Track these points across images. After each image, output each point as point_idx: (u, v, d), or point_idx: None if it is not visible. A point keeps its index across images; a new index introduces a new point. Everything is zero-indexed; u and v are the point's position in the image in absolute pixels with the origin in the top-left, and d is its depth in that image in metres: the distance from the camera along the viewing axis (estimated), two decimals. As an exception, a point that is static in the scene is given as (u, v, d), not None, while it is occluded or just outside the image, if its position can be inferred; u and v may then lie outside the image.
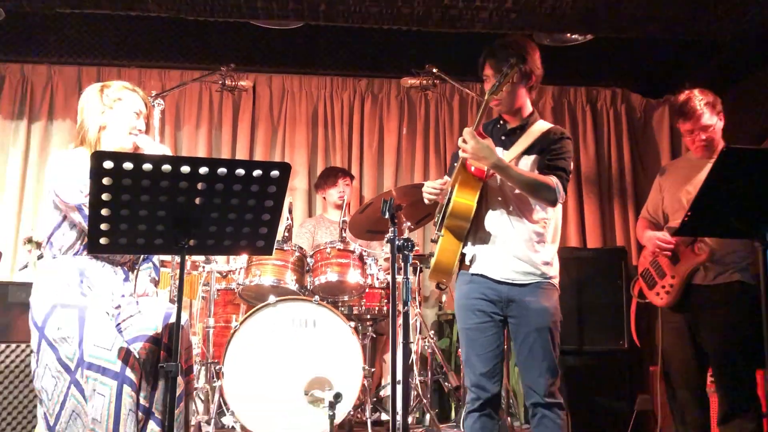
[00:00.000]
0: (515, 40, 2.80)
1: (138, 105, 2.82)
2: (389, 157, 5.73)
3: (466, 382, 2.75)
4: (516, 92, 2.75)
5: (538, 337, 2.64)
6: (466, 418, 2.73)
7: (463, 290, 2.75)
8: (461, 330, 2.76)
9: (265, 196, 2.31)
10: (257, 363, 3.42)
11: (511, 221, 2.71)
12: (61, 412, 2.46)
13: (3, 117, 5.55)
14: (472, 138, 2.57)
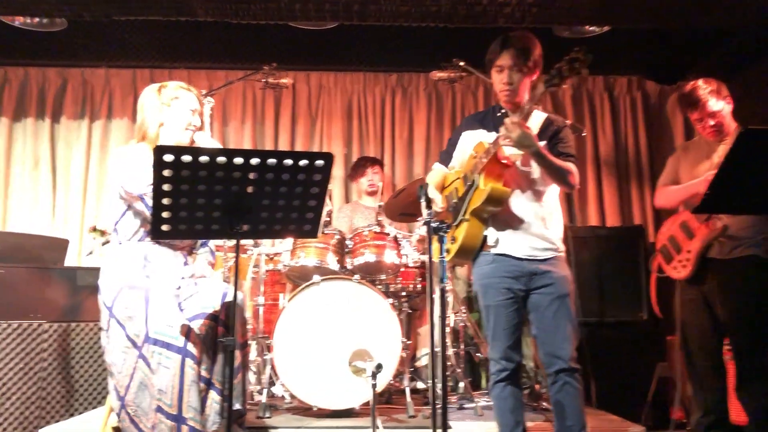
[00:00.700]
0: (530, 35, 2.76)
1: (193, 103, 2.86)
2: (419, 146, 5.72)
3: (492, 354, 2.72)
4: (525, 83, 2.74)
5: (562, 304, 2.66)
6: (493, 388, 2.73)
7: (486, 270, 2.74)
8: (485, 307, 2.75)
9: (311, 183, 2.33)
10: (304, 337, 3.45)
11: (528, 203, 2.73)
12: (130, 383, 2.51)
13: (67, 117, 5.65)
14: (519, 127, 2.53)
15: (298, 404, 3.53)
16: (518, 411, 2.71)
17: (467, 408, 3.68)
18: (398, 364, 3.49)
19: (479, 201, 2.63)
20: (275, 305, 4.21)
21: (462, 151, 2.86)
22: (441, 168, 2.96)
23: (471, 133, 2.85)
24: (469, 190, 2.68)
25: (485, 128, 2.81)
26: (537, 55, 2.71)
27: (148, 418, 2.46)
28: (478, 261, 2.77)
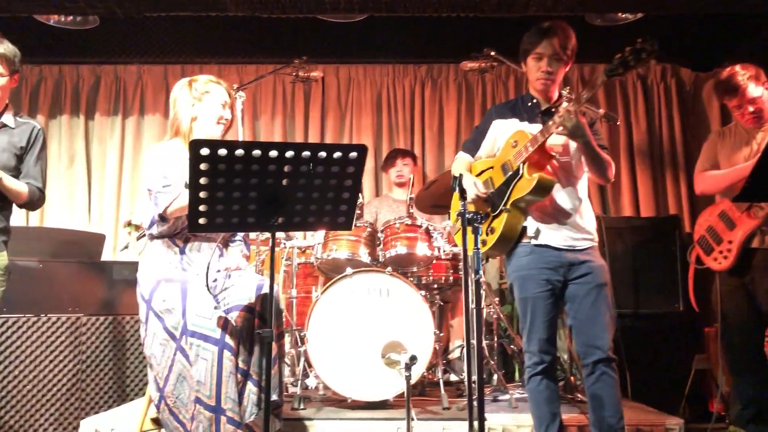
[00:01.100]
0: (568, 25, 2.74)
1: (223, 96, 2.88)
2: (449, 137, 5.70)
3: (529, 347, 2.70)
4: (561, 73, 2.75)
5: (600, 294, 2.64)
6: (529, 382, 2.71)
7: (524, 261, 2.72)
8: (522, 299, 2.72)
9: (345, 175, 2.33)
10: (337, 329, 3.47)
11: (565, 193, 2.72)
12: (169, 375, 2.54)
13: (100, 114, 5.74)
14: (575, 116, 2.51)
15: (332, 396, 3.56)
16: (555, 404, 2.70)
17: (501, 400, 3.67)
18: (431, 357, 3.49)
19: (525, 191, 2.61)
20: (308, 298, 4.24)
21: (493, 140, 2.84)
22: (466, 157, 2.93)
23: (503, 122, 2.82)
24: (512, 180, 2.66)
25: (517, 117, 2.78)
26: (574, 46, 2.71)
27: (187, 409, 2.49)
28: (515, 252, 2.74)
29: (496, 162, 2.78)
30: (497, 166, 2.76)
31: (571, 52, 2.71)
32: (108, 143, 5.72)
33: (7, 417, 3.86)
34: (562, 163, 2.72)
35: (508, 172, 2.69)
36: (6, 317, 3.92)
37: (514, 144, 2.69)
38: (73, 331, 4.12)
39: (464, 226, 2.34)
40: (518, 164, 2.64)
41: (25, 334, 3.97)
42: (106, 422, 3.18)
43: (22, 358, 3.94)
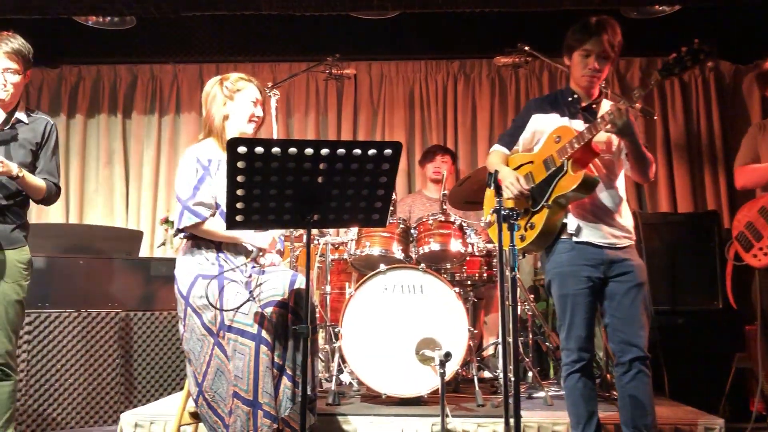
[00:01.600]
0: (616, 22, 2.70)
1: (255, 94, 2.89)
2: (482, 133, 5.68)
3: (567, 345, 2.68)
4: (606, 70, 2.72)
5: (639, 292, 2.63)
6: (566, 379, 2.69)
7: (564, 258, 2.70)
8: (562, 296, 2.70)
9: (380, 173, 2.34)
10: (371, 325, 3.48)
11: (606, 191, 2.70)
12: (207, 370, 2.58)
13: (137, 113, 5.84)
14: (626, 115, 2.48)
15: (367, 391, 3.58)
16: (592, 402, 2.68)
17: (536, 397, 3.66)
18: (465, 353, 3.49)
19: (568, 188, 2.59)
20: (341, 294, 4.27)
21: (531, 134, 2.82)
22: (502, 150, 2.91)
23: (542, 116, 2.79)
24: (555, 176, 2.64)
25: (557, 112, 2.76)
26: (620, 42, 2.68)
27: (226, 404, 2.53)
28: (554, 249, 2.73)
29: (536, 157, 2.76)
30: (538, 161, 2.74)
31: (618, 48, 2.68)
32: (145, 141, 5.82)
33: (50, 410, 3.97)
34: (604, 160, 2.71)
35: (551, 168, 2.66)
36: (48, 312, 4.03)
37: (557, 139, 2.66)
38: (113, 326, 4.21)
39: (500, 222, 2.33)
40: (562, 160, 2.62)
41: (66, 329, 4.08)
42: (145, 415, 3.25)
43: (64, 353, 4.04)
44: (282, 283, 2.72)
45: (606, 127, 2.51)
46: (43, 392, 3.96)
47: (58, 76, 5.88)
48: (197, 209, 2.70)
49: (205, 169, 2.76)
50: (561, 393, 3.73)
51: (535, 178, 2.73)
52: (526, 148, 2.84)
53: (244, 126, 2.86)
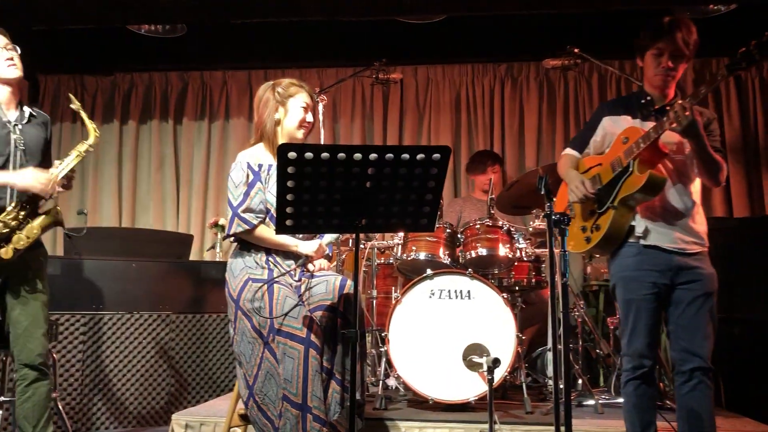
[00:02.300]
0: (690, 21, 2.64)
1: (305, 99, 2.92)
2: (530, 136, 5.63)
3: (628, 351, 2.61)
4: (681, 70, 2.64)
5: (706, 302, 2.54)
6: (625, 386, 2.62)
7: (630, 262, 2.62)
8: (627, 300, 2.62)
9: (428, 177, 2.34)
10: (418, 330, 3.47)
11: (677, 193, 2.61)
12: (257, 373, 2.61)
13: (188, 119, 5.97)
14: (690, 113, 2.40)
15: (414, 396, 3.57)
16: (651, 411, 2.60)
17: (586, 405, 3.60)
18: (513, 360, 3.45)
19: (634, 188, 2.53)
20: (388, 298, 4.27)
21: (602, 137, 2.77)
22: (573, 153, 2.87)
23: (614, 118, 2.74)
24: (621, 177, 2.59)
25: (630, 114, 2.70)
26: (696, 41, 2.60)
27: (275, 407, 2.55)
28: (620, 252, 2.66)
29: (605, 159, 2.71)
30: (606, 163, 2.69)
31: (693, 47, 2.60)
32: (195, 147, 5.94)
33: (103, 409, 4.07)
34: (676, 161, 2.62)
35: (617, 169, 2.61)
36: (102, 314, 4.14)
37: (625, 140, 2.61)
38: (164, 328, 4.30)
39: (550, 228, 2.30)
40: (628, 161, 2.56)
41: (120, 330, 4.18)
42: (196, 416, 3.30)
43: (117, 353, 4.15)
44: (332, 288, 2.73)
45: (671, 126, 2.44)
46: (97, 392, 4.07)
47: (111, 83, 6.05)
48: (246, 216, 2.74)
49: (256, 175, 2.79)
50: (611, 401, 3.68)
51: (603, 180, 2.68)
52: (597, 151, 2.79)
53: (295, 131, 2.88)
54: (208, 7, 4.21)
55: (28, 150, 2.95)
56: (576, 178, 2.71)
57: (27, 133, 2.98)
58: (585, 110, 5.59)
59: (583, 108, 5.60)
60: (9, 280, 2.89)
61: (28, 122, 3.01)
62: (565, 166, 2.85)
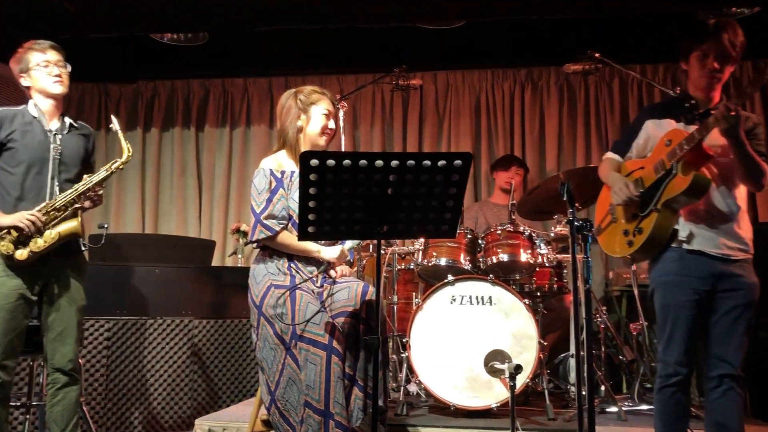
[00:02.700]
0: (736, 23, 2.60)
1: (327, 106, 2.94)
2: (551, 141, 5.61)
3: (665, 357, 2.52)
4: (728, 72, 2.59)
5: (744, 311, 2.49)
6: (658, 392, 2.55)
7: (672, 267, 2.57)
8: (664, 306, 2.57)
9: (449, 184, 2.34)
10: (440, 335, 3.47)
11: (723, 198, 2.56)
12: (279, 379, 2.63)
13: (209, 125, 6.02)
14: (736, 112, 2.35)
15: (435, 402, 3.56)
16: (684, 421, 2.54)
17: (609, 412, 3.57)
18: (535, 366, 3.44)
19: (678, 190, 2.50)
20: (408, 304, 4.27)
21: (645, 140, 2.73)
22: (614, 157, 2.84)
23: (657, 122, 2.70)
24: (664, 179, 2.55)
25: (673, 118, 2.66)
26: (743, 43, 2.56)
27: (297, 413, 2.57)
28: (662, 257, 2.61)
29: (647, 162, 2.68)
30: (649, 166, 2.65)
31: (740, 49, 2.55)
32: (216, 154, 6.00)
33: (127, 414, 4.11)
34: (722, 164, 2.56)
35: (660, 172, 2.57)
36: (126, 319, 4.18)
37: (668, 143, 2.57)
38: (186, 333, 4.34)
39: (572, 234, 2.29)
40: (672, 163, 2.53)
41: (143, 336, 4.22)
42: (218, 421, 3.33)
43: (140, 358, 4.19)
44: (353, 294, 2.75)
45: (714, 124, 2.39)
46: (121, 396, 4.11)
47: (134, 91, 6.13)
48: (268, 223, 2.76)
49: (279, 181, 2.82)
50: (635, 408, 3.65)
51: (645, 183, 2.64)
52: (639, 155, 2.76)
53: (317, 138, 2.90)
54: (230, 15, 4.26)
55: (64, 159, 3.04)
56: (619, 180, 2.68)
57: (66, 144, 3.07)
58: (606, 115, 5.56)
59: (604, 113, 5.57)
60: (47, 285, 2.97)
61: (69, 132, 3.11)
62: (606, 169, 2.82)
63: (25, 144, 2.97)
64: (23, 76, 3.08)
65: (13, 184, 2.95)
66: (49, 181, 2.98)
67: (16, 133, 2.97)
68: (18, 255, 2.87)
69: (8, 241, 2.87)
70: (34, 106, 3.07)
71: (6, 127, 2.97)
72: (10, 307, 2.88)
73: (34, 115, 3.04)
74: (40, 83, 3.05)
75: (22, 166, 2.95)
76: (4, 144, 2.97)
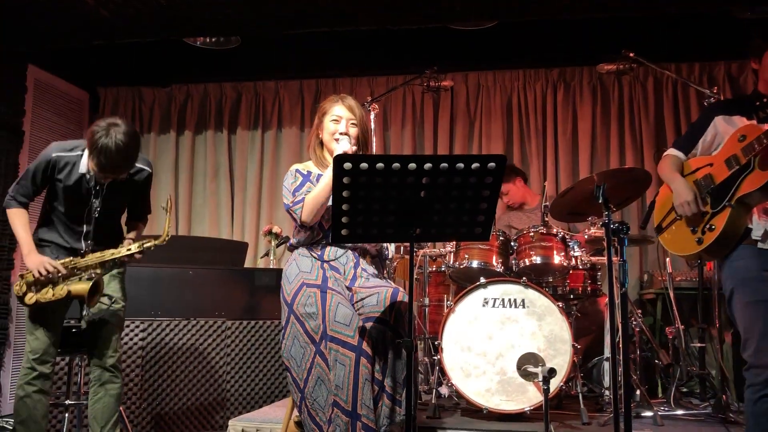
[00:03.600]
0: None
1: (337, 111, 2.94)
2: (584, 142, 5.55)
3: (756, 359, 2.37)
4: None
5: None
6: (757, 403, 2.38)
7: (753, 263, 2.46)
8: (753, 303, 2.42)
9: (483, 186, 2.33)
10: (472, 338, 3.46)
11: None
12: (308, 377, 2.64)
13: (241, 128, 6.08)
14: None
15: (467, 405, 3.55)
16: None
17: (645, 417, 3.52)
18: (569, 369, 3.41)
19: (755, 185, 2.43)
20: (440, 306, 4.27)
21: (712, 137, 2.68)
22: (677, 154, 2.78)
23: (727, 118, 2.64)
24: (740, 174, 2.49)
25: (744, 115, 2.60)
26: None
27: (324, 413, 2.58)
28: (734, 255, 2.53)
29: (716, 158, 2.62)
30: (719, 162, 2.59)
31: None
32: (249, 156, 6.05)
33: (162, 413, 4.18)
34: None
35: (735, 167, 2.50)
36: (160, 320, 4.25)
37: (742, 138, 2.51)
38: (219, 334, 4.39)
39: (608, 237, 2.27)
40: (749, 157, 2.46)
41: (177, 336, 4.29)
42: (252, 422, 3.36)
43: (174, 359, 4.25)
44: (382, 299, 2.74)
45: None
46: (156, 396, 4.18)
47: (168, 94, 6.22)
48: (296, 208, 2.83)
49: (305, 177, 2.91)
50: (671, 413, 3.60)
51: (715, 179, 2.58)
52: (705, 153, 2.70)
53: (331, 143, 2.92)
54: (262, 19, 4.30)
55: (102, 213, 3.10)
56: (684, 190, 2.62)
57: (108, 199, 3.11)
58: (640, 115, 5.49)
59: (638, 113, 5.50)
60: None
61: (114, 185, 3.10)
62: (668, 167, 2.75)
63: (67, 196, 3.05)
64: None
65: (51, 223, 3.11)
66: (80, 238, 3.10)
67: (61, 184, 3.04)
68: (27, 299, 2.98)
69: (24, 282, 2.99)
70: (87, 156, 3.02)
71: (54, 173, 3.04)
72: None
73: (83, 170, 3.05)
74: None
75: (60, 213, 3.08)
76: (51, 183, 3.07)
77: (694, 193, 2.63)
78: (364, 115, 3.01)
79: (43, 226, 3.14)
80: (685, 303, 4.69)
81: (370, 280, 2.89)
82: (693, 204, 2.60)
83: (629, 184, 3.68)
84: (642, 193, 4.18)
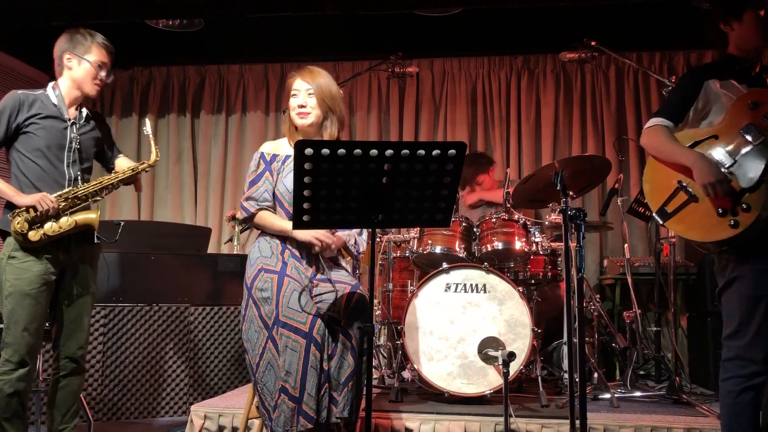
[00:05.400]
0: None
1: (295, 86, 2.88)
2: (547, 129, 5.62)
3: (746, 353, 2.28)
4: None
5: None
6: (737, 395, 2.30)
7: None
8: (754, 297, 2.28)
9: (444, 173, 2.34)
10: (434, 323, 3.50)
11: None
12: (260, 362, 2.64)
13: (205, 112, 6.02)
14: None
15: (429, 389, 3.59)
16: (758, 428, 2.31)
17: (602, 399, 3.60)
18: (528, 353, 3.47)
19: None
20: (403, 291, 4.30)
21: (705, 102, 2.44)
22: (667, 124, 2.47)
23: (721, 82, 2.41)
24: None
25: (734, 79, 2.40)
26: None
27: (272, 398, 2.57)
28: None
29: (722, 129, 2.37)
30: (730, 133, 2.34)
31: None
32: (212, 140, 6.00)
33: (123, 399, 4.14)
34: None
35: (759, 137, 2.27)
36: (122, 306, 4.21)
37: (754, 105, 2.29)
38: (182, 320, 4.36)
39: (566, 223, 2.31)
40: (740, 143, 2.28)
41: (139, 323, 4.25)
42: (215, 408, 3.35)
43: (137, 345, 4.22)
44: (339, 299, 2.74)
45: None
46: (117, 382, 4.14)
47: (130, 77, 6.11)
48: (246, 204, 2.85)
49: (267, 165, 2.88)
50: (628, 395, 3.69)
51: (733, 152, 2.33)
52: (696, 119, 2.47)
53: (295, 118, 2.90)
54: (226, 1, 4.24)
55: (82, 149, 3.03)
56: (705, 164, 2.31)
57: (83, 135, 3.06)
58: (602, 103, 5.58)
59: (600, 101, 5.59)
60: (64, 272, 2.96)
61: (86, 122, 3.09)
62: (665, 140, 2.44)
63: (43, 130, 2.94)
64: (71, 57, 3.03)
65: (31, 170, 2.93)
66: (66, 169, 2.97)
67: (34, 118, 2.94)
68: (31, 235, 2.83)
69: (23, 219, 2.83)
70: (53, 90, 3.03)
71: (24, 111, 2.93)
72: (35, 293, 2.86)
73: (55, 102, 3.00)
74: (83, 77, 3.04)
75: (39, 152, 2.93)
76: (22, 128, 2.93)
77: (719, 170, 2.32)
78: (324, 82, 2.90)
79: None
80: (643, 288, 4.81)
81: (331, 272, 2.86)
82: (726, 184, 2.29)
83: (590, 172, 3.75)
84: (602, 180, 4.25)
